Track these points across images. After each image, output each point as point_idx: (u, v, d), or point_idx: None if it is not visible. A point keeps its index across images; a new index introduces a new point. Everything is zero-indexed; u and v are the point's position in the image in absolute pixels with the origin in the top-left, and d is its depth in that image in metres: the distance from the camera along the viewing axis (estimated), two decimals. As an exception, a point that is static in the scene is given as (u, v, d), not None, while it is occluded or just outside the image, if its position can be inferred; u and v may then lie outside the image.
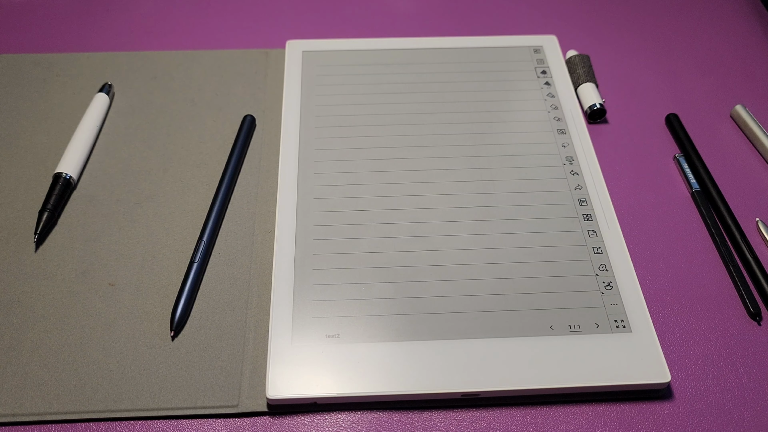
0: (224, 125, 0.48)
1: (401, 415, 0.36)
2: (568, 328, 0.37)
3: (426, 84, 0.50)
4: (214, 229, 0.42)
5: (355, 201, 0.43)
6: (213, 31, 0.56)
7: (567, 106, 0.49)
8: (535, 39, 0.53)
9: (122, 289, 0.39)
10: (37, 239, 0.41)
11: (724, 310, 0.40)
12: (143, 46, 0.54)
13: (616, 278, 0.39)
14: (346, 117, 0.47)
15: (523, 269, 0.40)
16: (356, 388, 0.35)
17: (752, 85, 0.53)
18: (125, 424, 0.35)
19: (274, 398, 0.35)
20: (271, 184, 0.45)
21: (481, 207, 0.42)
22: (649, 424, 0.35)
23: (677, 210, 0.45)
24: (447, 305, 0.38)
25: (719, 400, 0.36)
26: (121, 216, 0.43)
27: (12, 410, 0.35)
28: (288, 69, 0.50)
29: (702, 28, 0.57)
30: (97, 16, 0.56)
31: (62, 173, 0.43)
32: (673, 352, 0.38)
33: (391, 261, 0.40)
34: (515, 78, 0.50)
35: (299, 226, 0.41)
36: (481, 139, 0.46)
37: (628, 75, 0.53)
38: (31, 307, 0.38)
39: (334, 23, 0.57)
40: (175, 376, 0.36)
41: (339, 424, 0.35)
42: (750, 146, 0.49)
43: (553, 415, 0.36)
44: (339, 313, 0.38)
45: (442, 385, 0.35)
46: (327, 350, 0.36)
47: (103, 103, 0.48)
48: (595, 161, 0.45)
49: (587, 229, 0.42)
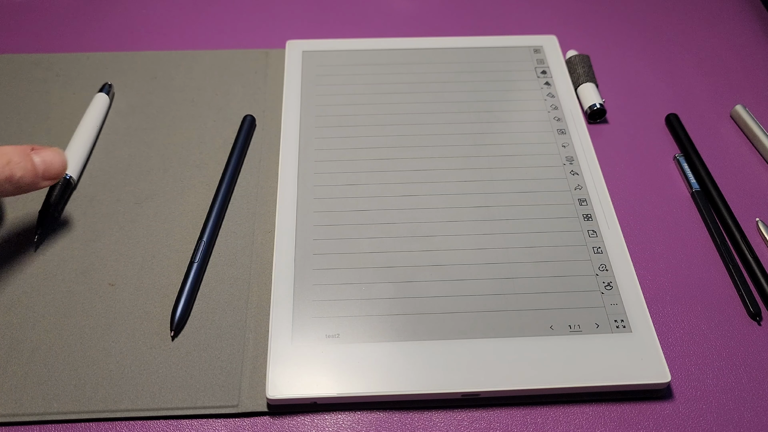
0: (224, 125, 0.48)
1: (401, 415, 0.36)
2: (568, 328, 0.37)
3: (426, 84, 0.50)
4: (214, 229, 0.42)
5: (355, 201, 0.43)
6: (213, 31, 0.56)
7: (567, 106, 0.49)
8: (535, 39, 0.53)
9: (122, 289, 0.39)
10: (37, 239, 0.41)
11: (724, 310, 0.40)
12: (143, 46, 0.54)
13: (616, 278, 0.39)
14: (346, 117, 0.47)
15: (523, 269, 0.40)
16: (356, 388, 0.35)
17: (752, 85, 0.53)
18: (125, 424, 0.35)
19: (274, 398, 0.35)
20: (271, 184, 0.45)
21: (481, 207, 0.42)
22: (649, 424, 0.35)
23: (677, 210, 0.45)
24: (447, 305, 0.38)
25: (719, 400, 0.36)
26: (121, 216, 0.43)
27: (12, 410, 0.35)
28: (288, 69, 0.50)
29: (702, 28, 0.57)
30: (97, 16, 0.56)
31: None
32: (673, 352, 0.38)
33: (391, 261, 0.40)
34: (515, 78, 0.50)
35: (299, 226, 0.41)
36: (481, 139, 0.46)
37: (628, 75, 0.53)
38: (31, 307, 0.38)
39: (334, 23, 0.57)
40: (175, 376, 0.36)
41: (339, 424, 0.35)
42: (750, 146, 0.49)
43: (553, 415, 0.36)
44: (339, 313, 0.38)
45: (442, 385, 0.35)
46: (327, 350, 0.36)
47: (103, 103, 0.48)
48: (595, 161, 0.45)
49: (587, 229, 0.42)
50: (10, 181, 0.36)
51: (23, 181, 0.37)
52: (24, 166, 0.37)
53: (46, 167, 0.38)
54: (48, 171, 0.38)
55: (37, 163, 0.37)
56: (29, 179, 0.37)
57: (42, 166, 0.38)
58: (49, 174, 0.38)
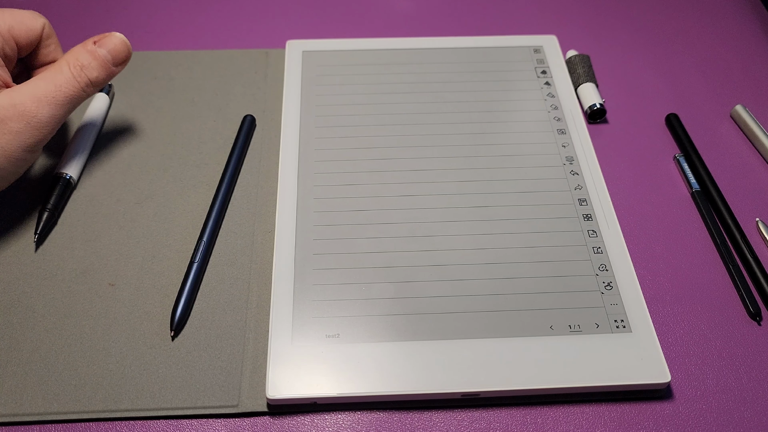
0: (224, 125, 0.48)
1: (401, 415, 0.36)
2: (568, 328, 0.37)
3: (426, 84, 0.50)
4: (214, 229, 0.42)
5: (355, 201, 0.43)
6: (213, 31, 0.56)
7: (567, 106, 0.49)
8: (535, 39, 0.53)
9: (122, 289, 0.39)
10: (37, 239, 0.41)
11: (724, 310, 0.40)
12: (143, 46, 0.54)
13: (616, 278, 0.39)
14: (346, 117, 0.47)
15: (522, 269, 0.40)
16: (356, 388, 0.35)
17: (752, 85, 0.53)
18: (125, 424, 0.35)
19: (274, 398, 0.35)
20: (271, 184, 0.45)
21: (481, 207, 0.42)
22: (649, 424, 0.35)
23: (677, 210, 0.45)
24: (447, 305, 0.38)
25: (719, 400, 0.36)
26: (121, 216, 0.43)
27: (12, 410, 0.35)
28: (288, 69, 0.50)
29: (702, 28, 0.57)
30: (97, 17, 0.56)
31: (62, 173, 0.43)
32: (673, 352, 0.38)
33: (391, 261, 0.40)
34: (515, 78, 0.50)
35: (299, 226, 0.41)
36: (481, 139, 0.46)
37: (628, 75, 0.53)
38: (31, 307, 0.38)
39: (334, 23, 0.57)
40: (175, 376, 0.36)
41: (339, 424, 0.35)
42: (750, 146, 0.49)
43: (553, 415, 0.36)
44: (339, 313, 0.38)
45: (442, 385, 0.35)
46: (327, 350, 0.36)
47: (103, 103, 0.48)
48: (595, 161, 0.45)
49: (587, 229, 0.42)
50: (90, 85, 0.40)
51: (100, 79, 0.40)
52: (96, 65, 0.40)
53: (115, 56, 0.40)
54: (117, 58, 0.41)
55: (103, 56, 0.40)
56: (105, 75, 0.40)
57: (110, 57, 0.40)
58: (119, 60, 0.41)
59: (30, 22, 0.41)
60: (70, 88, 0.39)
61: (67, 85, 0.39)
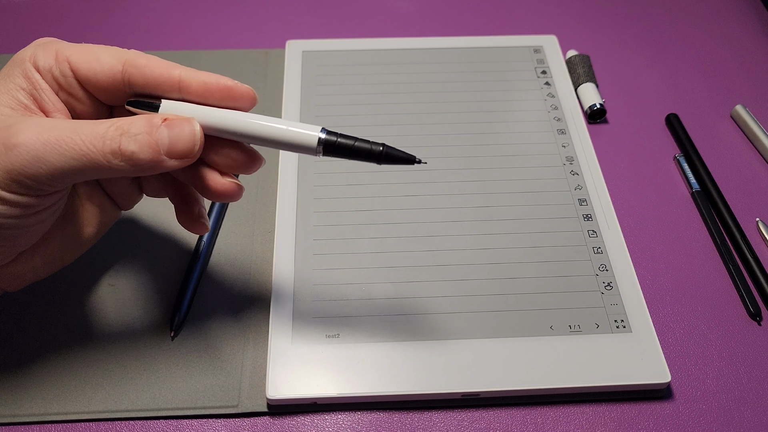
0: (224, 125, 0.48)
1: (401, 415, 0.36)
2: (568, 328, 0.37)
3: (426, 84, 0.50)
4: (214, 229, 0.42)
5: (355, 201, 0.43)
6: (213, 31, 0.56)
7: (567, 106, 0.49)
8: (535, 39, 0.53)
9: (122, 289, 0.39)
10: (37, 239, 0.41)
11: (724, 310, 0.40)
12: (144, 46, 0.54)
13: (616, 278, 0.39)
14: (346, 117, 0.47)
15: (522, 269, 0.40)
16: (356, 388, 0.35)
17: (752, 85, 0.53)
18: (125, 424, 0.35)
19: (274, 398, 0.35)
20: (271, 184, 0.45)
21: (481, 207, 0.42)
22: (649, 424, 0.35)
23: (677, 210, 0.45)
24: (446, 305, 0.38)
25: (719, 400, 0.36)
26: (121, 216, 0.43)
27: (12, 410, 0.35)
28: (288, 69, 0.50)
29: (702, 28, 0.57)
30: (98, 17, 0.56)
31: (62, 173, 0.43)
32: (673, 352, 0.38)
33: (391, 261, 0.40)
34: (515, 78, 0.50)
35: (299, 226, 0.41)
36: (481, 139, 0.46)
37: (628, 75, 0.53)
38: (31, 307, 0.38)
39: (334, 23, 0.57)
40: (175, 376, 0.36)
41: (339, 425, 0.35)
42: (750, 146, 0.49)
43: (553, 415, 0.36)
44: (339, 313, 0.38)
45: (442, 385, 0.35)
46: (327, 350, 0.36)
47: (103, 103, 0.48)
48: (595, 161, 0.45)
49: (587, 229, 0.42)
50: (119, 155, 0.29)
51: (137, 157, 0.29)
52: (143, 141, 0.29)
53: (172, 144, 0.29)
54: (174, 149, 0.29)
55: (158, 137, 0.29)
56: (146, 157, 0.29)
57: (166, 141, 0.29)
58: (175, 152, 0.29)
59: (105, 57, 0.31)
60: (89, 146, 0.28)
61: (88, 139, 0.28)
